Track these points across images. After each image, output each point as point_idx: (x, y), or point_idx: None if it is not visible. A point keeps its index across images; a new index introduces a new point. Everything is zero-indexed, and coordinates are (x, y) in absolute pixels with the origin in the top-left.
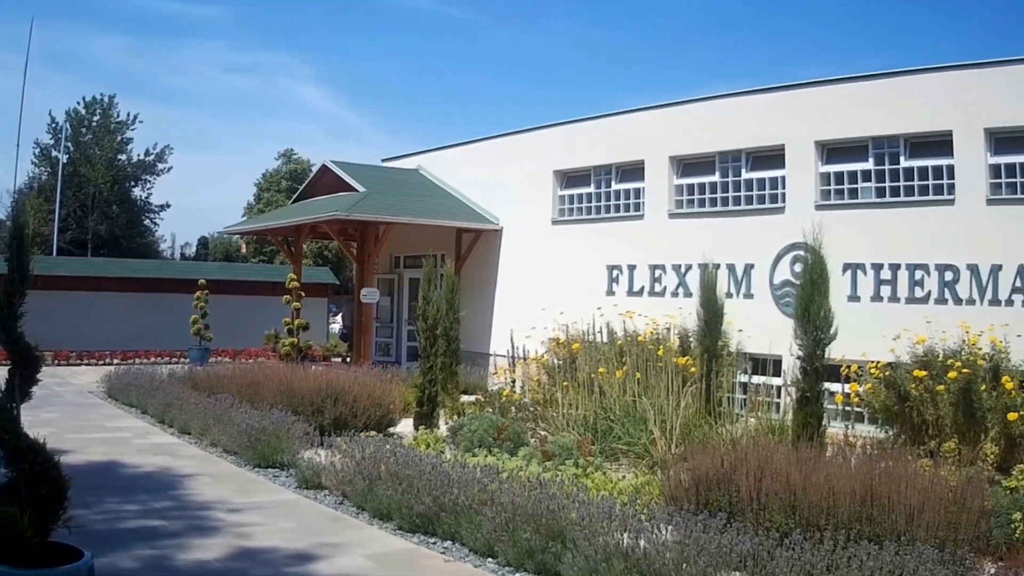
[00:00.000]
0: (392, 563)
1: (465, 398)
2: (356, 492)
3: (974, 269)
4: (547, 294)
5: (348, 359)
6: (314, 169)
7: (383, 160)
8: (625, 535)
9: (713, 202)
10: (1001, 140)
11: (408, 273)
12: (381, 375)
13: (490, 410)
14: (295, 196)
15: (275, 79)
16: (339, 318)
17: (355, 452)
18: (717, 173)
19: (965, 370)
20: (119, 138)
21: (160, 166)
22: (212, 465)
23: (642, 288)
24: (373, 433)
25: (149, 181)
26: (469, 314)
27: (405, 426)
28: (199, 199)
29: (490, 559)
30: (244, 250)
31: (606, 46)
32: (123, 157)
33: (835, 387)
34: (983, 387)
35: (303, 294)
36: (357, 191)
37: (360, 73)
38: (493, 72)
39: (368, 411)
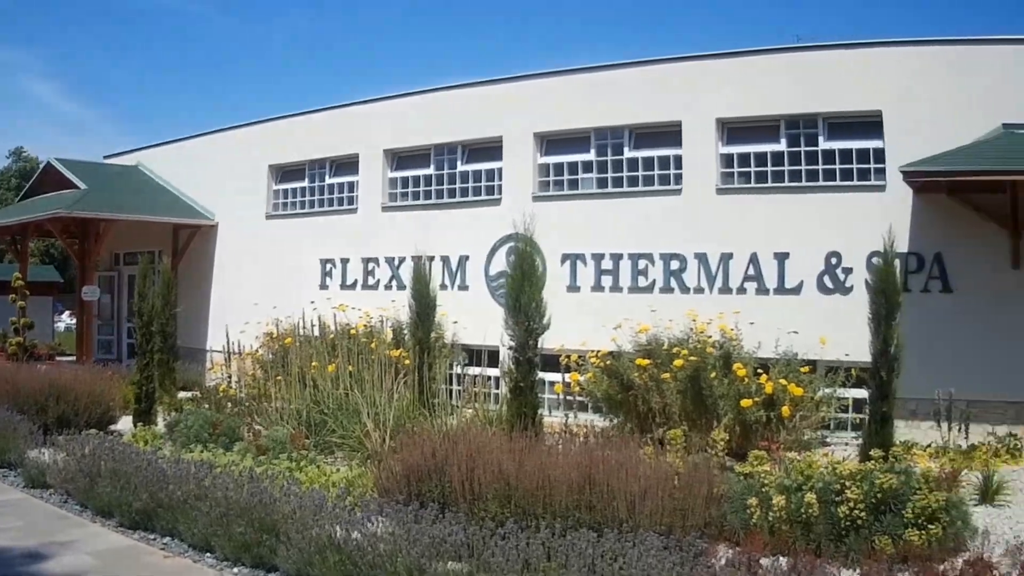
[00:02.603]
0: (115, 560)
1: (183, 394)
2: (79, 490)
3: (702, 258)
4: (262, 289)
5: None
6: None
7: (105, 157)
8: (338, 527)
9: (428, 195)
10: (733, 130)
11: (128, 270)
12: (102, 373)
13: (207, 406)
14: (22, 194)
15: (9, 75)
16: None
17: (76, 450)
18: (432, 166)
19: (693, 358)
20: None
21: None
22: None
23: (355, 281)
24: (94, 431)
25: None
26: (186, 310)
27: (126, 423)
28: None
29: (209, 553)
30: None
31: (333, 39)
32: None
33: (556, 377)
34: (713, 375)
35: (28, 293)
36: (80, 188)
37: (93, 69)
38: (225, 67)
39: (89, 409)
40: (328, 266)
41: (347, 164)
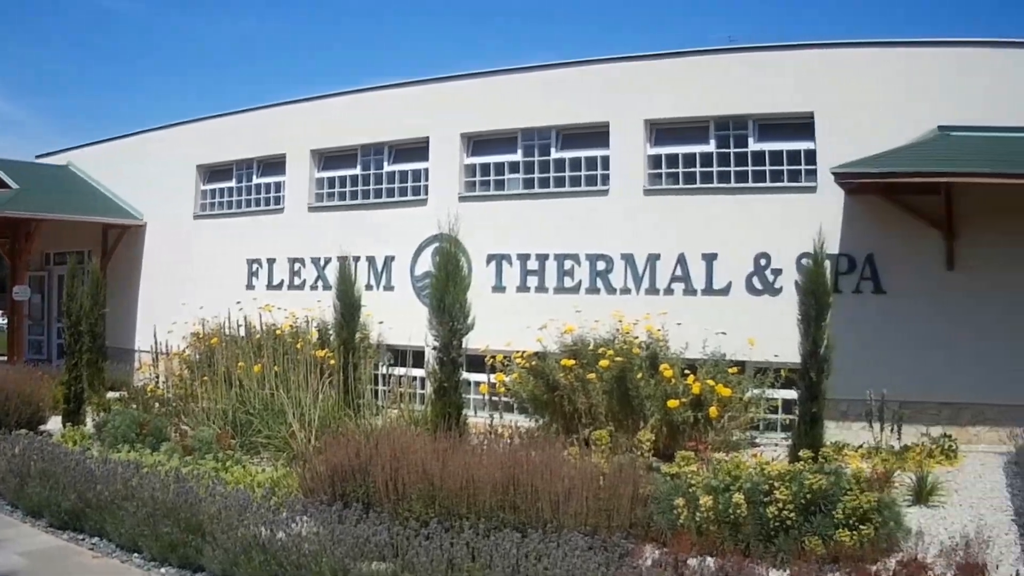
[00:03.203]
0: (44, 560)
1: (112, 394)
2: (10, 490)
3: (629, 259)
4: (189, 289)
5: None
6: None
7: (37, 156)
8: (263, 528)
9: (354, 195)
10: (662, 131)
11: (58, 270)
12: (32, 373)
13: (134, 406)
14: None
15: None
16: None
17: (7, 450)
18: (359, 166)
19: (619, 358)
20: None
21: None
22: None
23: (282, 282)
24: (24, 431)
25: None
26: (115, 310)
27: (55, 423)
28: None
29: (136, 554)
30: None
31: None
32: None
33: (481, 377)
34: (639, 375)
35: None
36: (11, 188)
37: (28, 66)
38: (172, 66)
39: (20, 409)
40: (255, 266)
41: (274, 164)
